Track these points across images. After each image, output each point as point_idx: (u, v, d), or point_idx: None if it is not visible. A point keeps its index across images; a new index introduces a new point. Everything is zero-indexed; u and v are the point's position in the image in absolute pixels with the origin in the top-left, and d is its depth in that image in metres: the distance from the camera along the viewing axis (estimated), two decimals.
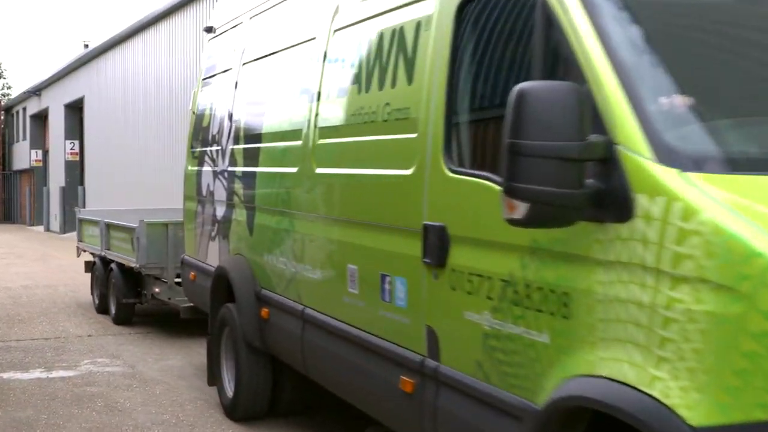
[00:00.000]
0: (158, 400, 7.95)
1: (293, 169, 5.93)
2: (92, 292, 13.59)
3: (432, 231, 4.18)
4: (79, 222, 14.44)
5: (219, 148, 7.71)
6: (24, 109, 44.85)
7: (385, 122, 4.75)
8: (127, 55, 27.49)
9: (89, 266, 13.98)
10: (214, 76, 8.31)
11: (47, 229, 38.21)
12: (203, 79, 8.71)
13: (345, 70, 5.35)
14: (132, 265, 11.30)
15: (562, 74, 3.44)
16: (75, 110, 35.75)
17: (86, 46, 38.71)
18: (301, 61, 6.11)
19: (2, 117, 49.40)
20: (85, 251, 14.24)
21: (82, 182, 34.27)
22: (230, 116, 7.49)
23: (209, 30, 8.82)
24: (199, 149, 8.43)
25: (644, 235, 2.99)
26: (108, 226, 12.63)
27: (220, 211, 7.61)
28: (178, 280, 10.95)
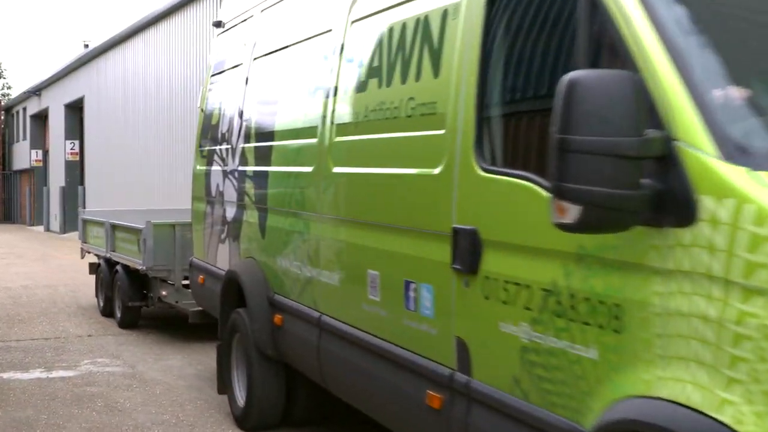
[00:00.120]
0: (158, 400, 7.92)
1: (308, 169, 5.63)
2: (97, 295, 13.29)
3: (462, 235, 3.87)
4: (83, 223, 14.12)
5: (229, 146, 7.41)
6: (24, 109, 44.77)
7: (409, 118, 4.44)
8: (127, 55, 27.39)
9: (93, 268, 13.65)
10: (223, 72, 8.01)
11: (47, 229, 38.14)
12: (212, 76, 8.41)
13: (364, 63, 5.04)
14: (138, 267, 10.99)
15: (610, 62, 3.13)
16: (75, 110, 35.65)
17: (86, 46, 38.58)
18: (315, 54, 5.80)
19: (2, 117, 49.33)
20: (89, 253, 13.91)
21: (82, 182, 34.15)
22: (240, 113, 7.19)
23: (218, 25, 8.53)
24: (207, 148, 8.14)
25: (710, 241, 2.68)
26: (113, 227, 12.32)
27: (231, 212, 7.31)
28: (185, 283, 10.68)
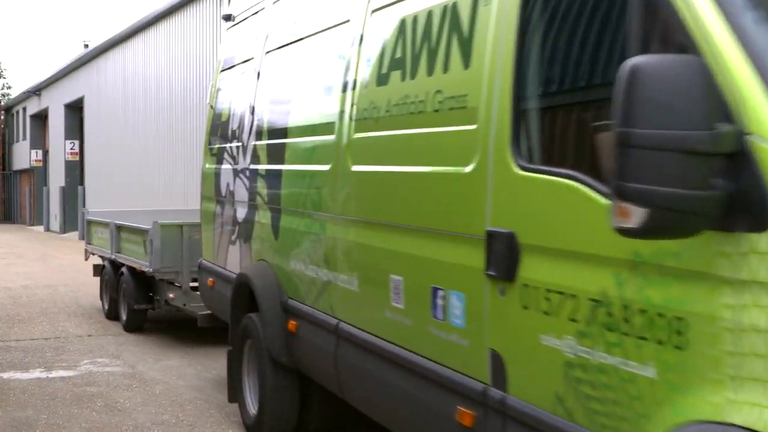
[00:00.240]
0: (158, 400, 7.91)
1: (325, 167, 5.31)
2: (101, 298, 12.98)
3: (498, 239, 3.55)
4: (88, 224, 13.79)
5: (240, 144, 7.11)
6: (24, 109, 44.69)
7: (437, 112, 4.13)
8: (127, 55, 27.29)
9: (98, 270, 13.35)
10: (233, 67, 7.71)
11: (47, 229, 38.07)
12: (221, 71, 8.11)
13: (385, 54, 4.72)
14: (144, 269, 10.69)
15: (667, 46, 2.81)
16: (75, 110, 35.55)
17: (86, 46, 38.46)
18: (333, 46, 5.49)
19: (2, 117, 49.24)
20: (93, 254, 13.57)
21: (82, 182, 34.05)
22: (252, 110, 6.88)
23: (228, 18, 8.23)
24: (217, 146, 7.83)
25: None
26: (118, 227, 12.01)
27: (242, 212, 7.01)
28: (193, 285, 10.40)
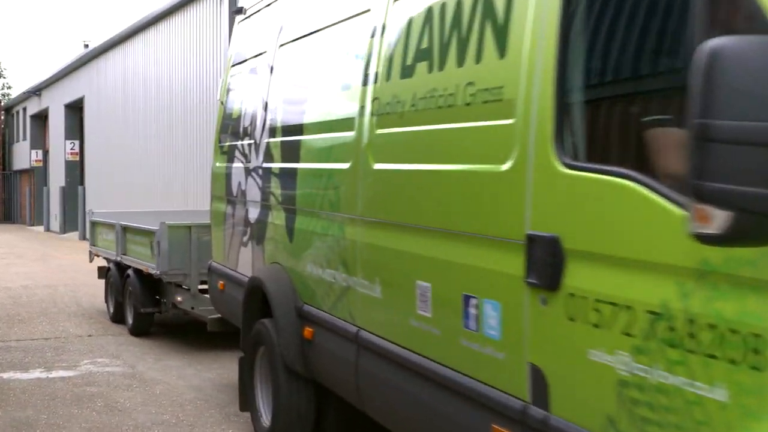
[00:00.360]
0: (158, 400, 7.90)
1: (344, 165, 5.01)
2: (106, 300, 12.66)
3: (539, 243, 3.24)
4: (92, 225, 13.47)
5: (252, 141, 6.81)
6: (24, 109, 44.64)
7: (468, 106, 3.82)
8: (127, 55, 27.22)
9: (103, 272, 13.03)
10: (245, 61, 7.41)
11: (47, 229, 38.01)
12: (232, 66, 7.81)
13: (410, 45, 4.41)
14: (151, 271, 10.38)
15: (750, 26, 2.49)
16: (75, 110, 35.46)
17: (86, 46, 38.39)
18: (352, 37, 5.18)
19: (2, 117, 49.19)
20: (98, 256, 13.24)
21: (82, 182, 33.97)
22: (265, 105, 6.58)
23: (239, 11, 7.94)
24: (228, 144, 7.53)
25: None
26: (124, 229, 11.71)
27: (254, 213, 6.71)
28: (202, 288, 10.11)
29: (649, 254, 2.75)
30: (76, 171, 35.48)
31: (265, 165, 6.45)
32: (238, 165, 7.16)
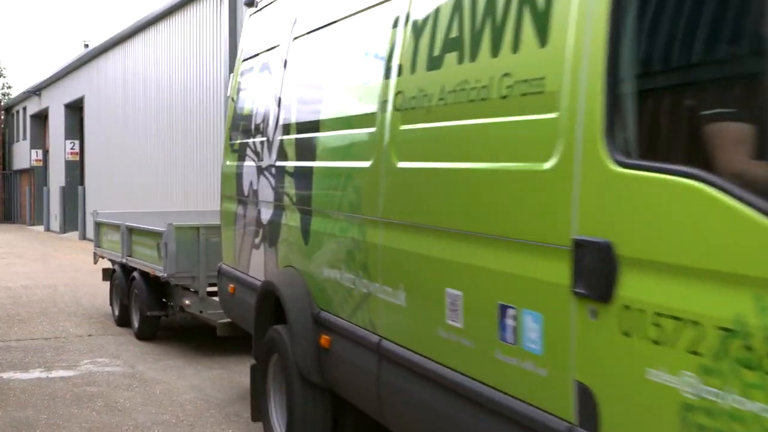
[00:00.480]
0: (158, 400, 7.92)
1: (365, 164, 4.70)
2: (111, 303, 12.37)
3: (589, 249, 2.94)
4: (97, 226, 13.17)
5: (264, 139, 6.51)
6: (24, 109, 44.55)
7: (505, 99, 3.51)
8: (127, 55, 27.07)
9: (107, 274, 12.75)
10: (257, 56, 7.11)
11: (47, 229, 37.91)
12: (243, 61, 7.51)
13: (438, 34, 4.10)
14: (158, 273, 10.09)
15: None
16: (75, 110, 35.31)
17: (86, 46, 38.21)
18: (372, 28, 4.88)
19: (2, 117, 49.14)
20: (102, 257, 12.94)
21: (82, 182, 33.83)
22: (278, 101, 6.28)
23: (250, 4, 7.63)
24: (239, 141, 7.23)
25: None
26: (130, 230, 11.41)
27: (266, 213, 6.41)
28: (210, 290, 9.83)
29: (721, 263, 2.45)
30: (76, 171, 35.38)
31: (279, 163, 6.15)
32: (249, 163, 6.86)
